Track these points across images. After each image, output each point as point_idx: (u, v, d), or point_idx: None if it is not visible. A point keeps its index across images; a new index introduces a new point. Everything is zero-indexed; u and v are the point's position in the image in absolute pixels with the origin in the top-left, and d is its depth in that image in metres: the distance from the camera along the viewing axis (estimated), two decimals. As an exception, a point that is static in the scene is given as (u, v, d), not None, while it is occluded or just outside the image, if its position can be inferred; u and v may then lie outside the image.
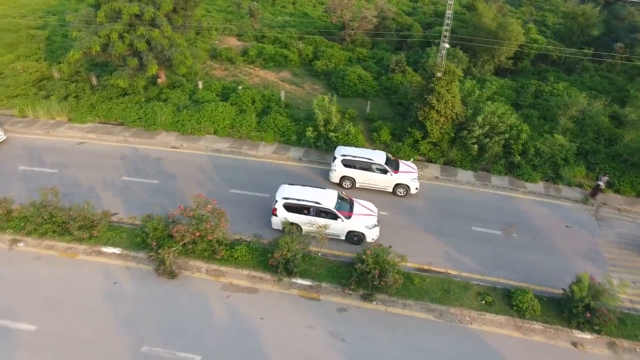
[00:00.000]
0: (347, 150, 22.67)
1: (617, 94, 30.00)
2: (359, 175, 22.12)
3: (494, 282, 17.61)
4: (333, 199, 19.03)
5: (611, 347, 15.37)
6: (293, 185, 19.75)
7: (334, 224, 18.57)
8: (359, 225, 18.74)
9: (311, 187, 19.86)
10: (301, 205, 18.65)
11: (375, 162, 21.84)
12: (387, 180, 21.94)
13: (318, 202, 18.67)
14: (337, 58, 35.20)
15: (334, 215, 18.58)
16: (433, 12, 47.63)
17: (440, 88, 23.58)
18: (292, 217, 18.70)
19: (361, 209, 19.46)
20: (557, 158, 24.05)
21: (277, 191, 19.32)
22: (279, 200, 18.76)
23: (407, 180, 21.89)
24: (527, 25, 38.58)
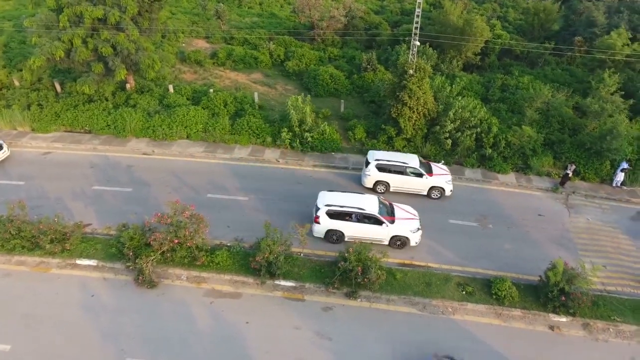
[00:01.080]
0: (380, 154, 22.42)
1: (578, 85, 31.31)
2: (394, 179, 21.82)
3: (473, 272, 18.05)
4: (375, 204, 18.77)
5: (586, 328, 16.04)
6: (333, 192, 19.47)
7: (378, 229, 18.43)
8: (404, 230, 18.52)
9: (351, 193, 19.76)
10: (344, 212, 18.37)
11: (410, 165, 21.73)
12: (423, 184, 21.80)
13: (362, 207, 18.39)
14: (308, 58, 35.20)
15: (378, 220, 18.37)
16: (400, 11, 48.37)
17: (412, 85, 23.97)
18: (335, 224, 18.45)
19: (403, 212, 19.21)
20: (525, 149, 24.88)
21: (318, 198, 18.98)
22: (322, 208, 18.38)
23: (442, 183, 21.83)
24: (492, 21, 39.70)
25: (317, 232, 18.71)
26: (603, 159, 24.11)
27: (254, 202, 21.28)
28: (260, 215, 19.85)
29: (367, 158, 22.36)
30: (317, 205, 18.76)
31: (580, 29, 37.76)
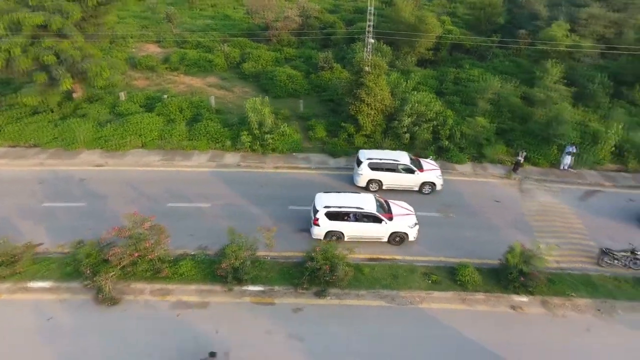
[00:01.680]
0: (371, 153, 22.53)
1: (525, 76, 32.80)
2: (386, 177, 22.03)
3: (437, 261, 18.52)
4: (372, 202, 18.86)
5: (544, 305, 16.84)
6: (328, 193, 19.41)
7: (377, 227, 18.55)
8: (402, 226, 18.70)
9: (347, 193, 19.82)
10: (343, 212, 18.37)
11: (401, 162, 21.98)
12: (414, 180, 22.09)
13: (360, 207, 18.46)
14: (264, 59, 34.95)
15: (377, 218, 18.48)
16: (353, 9, 48.89)
17: (369, 82, 24.32)
18: (335, 225, 18.41)
19: (399, 209, 19.41)
20: (480, 139, 25.83)
21: (315, 201, 18.89)
22: (320, 210, 18.28)
23: (433, 178, 22.20)
24: (442, 17, 40.88)
25: (317, 235, 18.61)
26: (551, 145, 25.42)
27: (216, 209, 20.87)
28: (223, 221, 19.48)
29: (359, 157, 22.40)
30: (315, 207, 18.62)
31: (523, 22, 39.59)
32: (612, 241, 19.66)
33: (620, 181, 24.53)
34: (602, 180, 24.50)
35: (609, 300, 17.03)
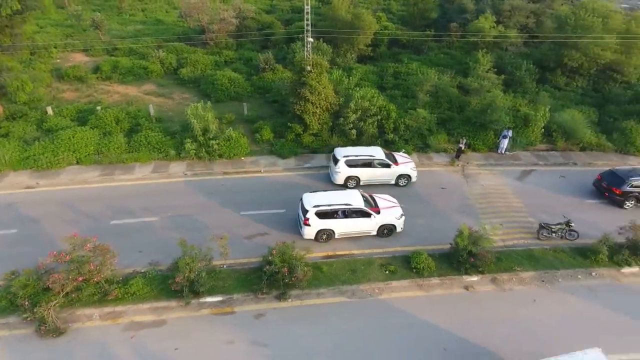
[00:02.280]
0: (346, 150, 22.74)
1: (459, 67, 34.42)
2: (364, 172, 22.37)
3: (393, 251, 18.96)
4: (359, 197, 19.17)
5: (494, 282, 17.77)
6: (315, 192, 19.52)
7: (366, 222, 18.92)
8: (390, 218, 19.19)
9: (333, 191, 19.99)
10: (333, 210, 18.49)
11: (377, 157, 22.40)
12: (391, 173, 22.59)
13: (348, 203, 18.72)
14: (203, 63, 33.98)
15: (366, 213, 18.77)
16: (290, 9, 48.84)
17: (311, 81, 24.37)
18: (325, 224, 18.51)
19: (384, 202, 19.85)
20: (423, 130, 26.76)
21: (302, 201, 18.91)
22: (310, 210, 18.30)
23: (408, 170, 22.80)
24: (377, 14, 41.87)
25: (308, 235, 18.67)
26: (487, 130, 26.86)
27: (164, 221, 20.01)
28: (173, 233, 18.73)
29: (335, 155, 22.59)
30: (304, 208, 18.62)
31: (454, 15, 41.51)
32: (548, 216, 21.14)
33: (551, 160, 26.43)
34: (536, 160, 26.27)
35: (551, 270, 18.29)
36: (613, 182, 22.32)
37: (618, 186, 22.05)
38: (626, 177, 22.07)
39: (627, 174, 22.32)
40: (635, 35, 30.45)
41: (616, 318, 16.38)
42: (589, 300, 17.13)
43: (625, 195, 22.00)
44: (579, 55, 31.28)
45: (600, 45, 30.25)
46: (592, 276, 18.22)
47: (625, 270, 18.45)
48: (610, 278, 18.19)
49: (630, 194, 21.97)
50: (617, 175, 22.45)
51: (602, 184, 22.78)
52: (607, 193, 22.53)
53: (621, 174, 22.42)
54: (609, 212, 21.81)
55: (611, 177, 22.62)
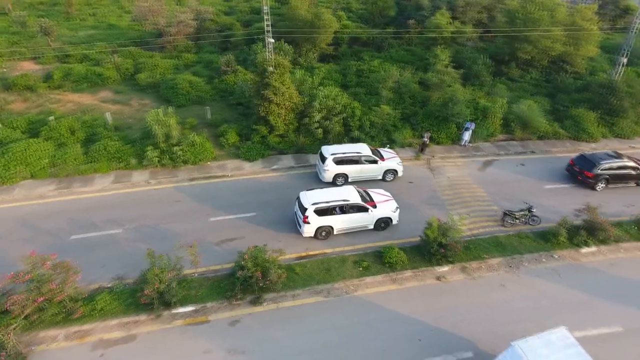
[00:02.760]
0: (333, 148, 22.82)
1: (419, 63, 35.11)
2: (352, 169, 22.61)
3: (365, 248, 19.11)
4: (355, 193, 19.48)
5: (464, 271, 18.25)
6: (311, 190, 19.54)
7: (364, 216, 19.25)
8: (386, 211, 19.59)
9: (328, 188, 20.12)
10: (331, 206, 18.67)
11: (364, 154, 22.66)
12: (378, 169, 22.98)
13: (346, 199, 18.97)
14: (161, 68, 33.00)
15: (364, 207, 19.15)
16: (249, 10, 48.25)
17: (274, 82, 24.17)
18: (324, 221, 18.71)
19: (379, 196, 20.27)
20: (387, 126, 27.13)
21: (300, 199, 19.06)
22: (309, 207, 18.40)
23: (395, 165, 23.26)
24: (337, 12, 42.04)
25: (307, 232, 18.85)
26: (450, 123, 27.57)
27: (130, 233, 19.30)
28: (139, 244, 18.12)
29: (322, 154, 22.67)
30: (302, 206, 18.69)
31: (411, 12, 42.28)
32: (511, 203, 21.94)
33: (511, 149, 27.44)
34: (497, 150, 27.20)
35: (516, 256, 18.98)
36: (585, 166, 23.50)
37: (589, 170, 23.24)
38: (596, 161, 23.32)
39: (597, 158, 23.59)
40: (580, 28, 32.08)
41: (578, 296, 17.22)
42: (553, 281, 17.91)
43: (597, 178, 23.24)
44: (530, 48, 32.62)
45: (550, 38, 31.67)
46: (554, 258, 19.06)
47: (583, 250, 19.42)
48: (570, 259, 19.08)
49: (601, 176, 23.22)
50: (588, 160, 23.65)
51: (575, 168, 23.96)
52: (579, 177, 23.73)
53: (591, 159, 23.65)
54: (566, 196, 22.87)
55: (582, 161, 23.79)
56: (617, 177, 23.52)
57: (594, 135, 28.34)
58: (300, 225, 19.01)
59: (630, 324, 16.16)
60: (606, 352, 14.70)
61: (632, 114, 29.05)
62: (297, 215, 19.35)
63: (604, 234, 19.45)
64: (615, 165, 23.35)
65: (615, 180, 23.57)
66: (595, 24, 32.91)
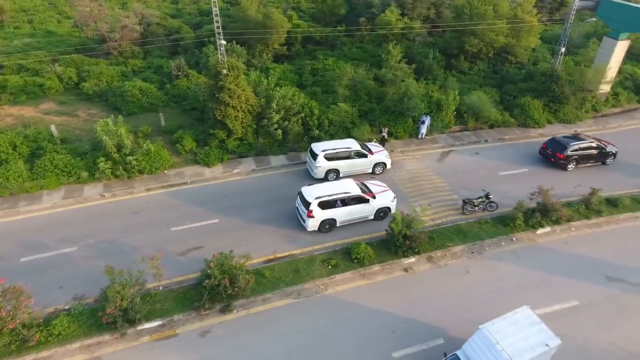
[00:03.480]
0: (323, 145, 23.23)
1: (372, 59, 35.61)
2: (343, 164, 23.09)
3: (333, 246, 19.13)
4: (354, 185, 20.08)
5: (430, 260, 18.71)
6: (312, 185, 20.04)
7: (365, 207, 19.88)
8: (385, 201, 20.35)
9: (328, 182, 20.77)
10: (334, 199, 19.16)
11: (353, 149, 23.26)
12: (368, 163, 23.63)
13: (347, 192, 19.49)
14: (108, 75, 31.50)
15: (364, 199, 19.75)
16: (198, 12, 47.10)
17: (229, 84, 23.67)
18: (327, 214, 19.14)
19: (377, 187, 21.01)
20: (346, 123, 27.32)
21: (301, 194, 19.47)
22: (313, 202, 18.83)
23: (383, 158, 23.98)
24: (288, 12, 41.86)
25: (312, 226, 19.23)
26: (406, 118, 28.16)
27: (86, 250, 18.30)
28: (97, 261, 17.20)
29: (313, 151, 23.02)
30: (305, 200, 19.06)
31: (362, 10, 42.82)
32: (469, 191, 22.70)
33: (465, 139, 28.41)
34: (452, 141, 28.07)
35: (478, 241, 19.67)
36: (556, 148, 25.07)
37: (561, 152, 24.85)
38: (566, 144, 24.94)
39: (567, 141, 25.18)
40: (521, 20, 33.74)
41: (537, 276, 18.10)
42: (513, 263, 18.72)
43: (568, 159, 24.85)
44: (477, 42, 33.93)
45: (495, 30, 33.09)
46: (513, 241, 19.92)
47: (539, 231, 20.42)
48: (528, 240, 20.02)
49: (571, 157, 24.87)
50: (559, 143, 25.24)
51: (547, 151, 25.47)
52: (552, 159, 25.27)
53: (562, 141, 25.23)
54: (519, 182, 23.94)
55: (554, 144, 25.34)
56: (585, 157, 25.31)
57: (540, 121, 29.90)
58: (304, 220, 19.30)
59: (585, 297, 17.17)
60: (566, 326, 15.52)
61: (574, 100, 30.89)
62: (299, 210, 19.81)
63: (557, 215, 20.54)
64: (583, 146, 25.09)
65: (584, 160, 25.36)
66: (535, 17, 34.70)
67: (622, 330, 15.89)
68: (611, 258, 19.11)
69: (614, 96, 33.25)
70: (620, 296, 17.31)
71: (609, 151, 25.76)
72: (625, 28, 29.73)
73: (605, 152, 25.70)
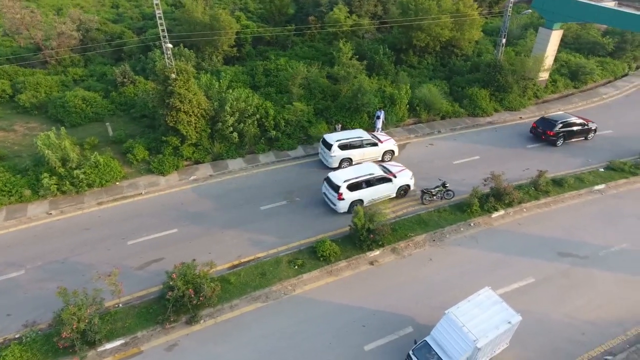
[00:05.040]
0: (336, 135, 24.42)
1: (324, 58, 35.71)
2: (356, 153, 24.22)
3: (298, 245, 19.02)
4: (376, 167, 21.64)
5: (394, 252, 19.03)
6: (337, 170, 21.77)
7: (388, 186, 21.42)
8: (405, 180, 21.91)
9: (350, 166, 22.09)
10: (360, 181, 20.52)
11: (364, 138, 24.45)
12: (378, 151, 24.79)
13: (372, 173, 20.95)
14: (46, 85, 29.57)
15: (387, 179, 21.29)
16: (141, 16, 45.31)
17: (179, 89, 22.90)
18: (355, 195, 20.43)
19: (395, 168, 22.45)
20: (302, 122, 27.25)
21: (329, 180, 20.64)
22: (341, 185, 20.09)
23: (392, 146, 25.29)
24: (235, 13, 41.15)
25: (342, 208, 20.45)
26: (361, 113, 28.49)
27: (34, 273, 17.09)
28: (48, 284, 16.17)
29: (326, 141, 24.06)
30: (334, 184, 20.31)
31: (310, 9, 42.89)
32: (426, 181, 23.28)
33: (419, 131, 29.16)
34: (407, 134, 28.71)
35: (438, 229, 20.23)
36: (546, 126, 27.24)
37: (551, 129, 26.98)
38: (555, 121, 27.16)
39: (556, 119, 27.44)
40: (463, 14, 35.08)
41: (495, 257, 18.89)
42: (472, 247, 19.42)
43: (557, 135, 27.01)
44: (424, 36, 34.88)
45: (440, 25, 34.18)
46: (471, 226, 20.66)
47: (494, 215, 21.30)
48: (484, 224, 20.84)
49: (560, 134, 27.08)
50: (549, 121, 27.49)
51: (538, 129, 27.58)
52: (543, 136, 27.36)
53: (551, 119, 27.52)
54: (473, 169, 24.86)
55: (544, 123, 27.55)
56: (571, 133, 27.58)
57: (488, 110, 31.22)
58: (334, 203, 20.51)
59: (540, 274, 18.12)
60: (525, 302, 16.30)
61: (517, 89, 32.50)
62: (327, 195, 21.00)
63: (509, 198, 21.53)
64: (569, 123, 27.31)
65: (570, 135, 27.60)
66: (476, 10, 36.19)
67: (575, 301, 16.89)
68: (561, 235, 20.29)
69: (553, 83, 35.30)
70: (571, 269, 18.41)
71: (590, 127, 28.24)
72: (558, 18, 31.63)
73: (587, 129, 28.14)
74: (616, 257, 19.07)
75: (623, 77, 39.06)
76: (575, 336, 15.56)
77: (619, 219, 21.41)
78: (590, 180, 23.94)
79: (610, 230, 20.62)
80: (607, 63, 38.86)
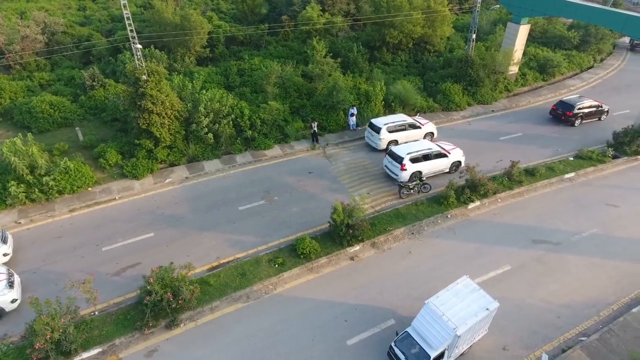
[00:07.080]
0: (383, 119, 26.15)
1: (299, 56, 35.68)
2: (401, 135, 25.92)
3: (277, 244, 18.92)
4: (432, 143, 23.55)
5: (374, 246, 19.14)
6: (399, 145, 23.35)
7: (444, 161, 23.33)
8: (458, 156, 23.83)
9: (407, 143, 23.69)
10: (420, 155, 22.50)
11: (408, 121, 26.20)
12: (420, 134, 26.49)
13: (430, 148, 22.90)
14: (10, 91, 28.55)
15: (443, 154, 23.20)
16: (109, 18, 44.22)
17: (150, 91, 22.45)
18: (416, 167, 22.31)
19: (448, 146, 24.33)
20: (278, 121, 27.12)
21: (392, 152, 22.68)
22: (405, 157, 22.07)
23: (432, 129, 27.23)
24: (207, 14, 40.65)
25: (404, 177, 22.24)
26: (337, 111, 28.57)
27: (3, 284, 16.39)
28: (19, 294, 15.50)
29: (374, 125, 25.83)
30: (398, 156, 22.27)
31: (283, 8, 42.75)
32: (404, 176, 23.51)
33: (395, 127, 29.42)
34: (383, 130, 28.91)
35: (417, 222, 20.44)
36: (565, 108, 29.86)
37: (570, 110, 29.59)
38: (573, 103, 29.67)
39: (574, 101, 29.91)
40: (434, 11, 35.62)
41: (473, 247, 19.22)
42: (450, 238, 19.71)
43: (575, 116, 29.59)
44: (397, 33, 35.25)
45: (412, 22, 34.59)
46: (448, 218, 20.98)
47: (470, 206, 21.68)
48: (461, 216, 21.19)
49: (578, 114, 29.63)
50: (567, 103, 30.01)
51: (558, 111, 30.11)
52: (563, 117, 29.88)
53: (569, 102, 30.03)
54: (448, 162, 25.24)
55: (563, 105, 30.09)
56: (587, 114, 29.99)
57: (461, 104, 31.79)
58: (396, 174, 22.36)
59: (516, 261, 18.54)
60: (502, 289, 16.66)
61: (488, 83, 33.19)
62: (388, 168, 23.06)
63: (484, 189, 21.94)
64: (586, 105, 29.77)
65: (587, 116, 30.05)
66: (446, 7, 36.79)
67: (550, 286, 17.36)
68: (534, 222, 20.82)
69: (522, 76, 36.22)
70: (545, 256, 18.92)
71: (604, 109, 30.49)
72: (525, 13, 32.47)
73: (601, 110, 30.42)
74: (587, 242, 19.70)
75: (589, 69, 40.45)
76: (551, 320, 15.98)
77: (588, 205, 22.13)
78: (560, 169, 24.65)
79: (581, 216, 21.29)
80: (573, 56, 40.14)
